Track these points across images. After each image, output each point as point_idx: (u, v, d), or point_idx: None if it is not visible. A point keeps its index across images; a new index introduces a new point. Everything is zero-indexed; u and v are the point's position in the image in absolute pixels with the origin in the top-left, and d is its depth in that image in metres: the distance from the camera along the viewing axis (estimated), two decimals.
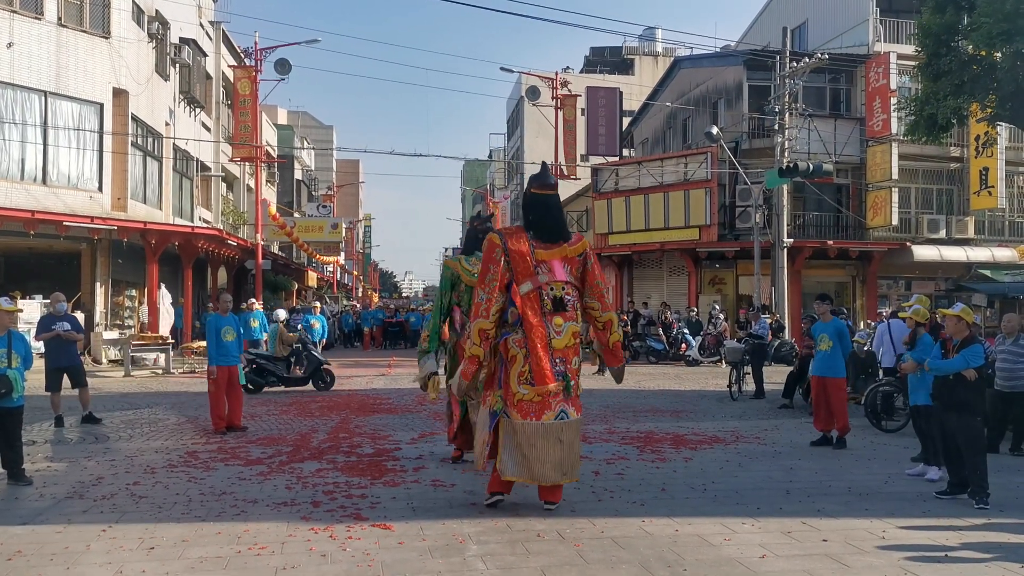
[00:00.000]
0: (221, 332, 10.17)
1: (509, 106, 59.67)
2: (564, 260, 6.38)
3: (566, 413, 6.18)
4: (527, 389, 6.14)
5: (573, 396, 6.26)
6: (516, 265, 6.24)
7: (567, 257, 6.40)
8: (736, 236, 25.68)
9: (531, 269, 6.25)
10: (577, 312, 6.41)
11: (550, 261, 6.32)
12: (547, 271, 6.29)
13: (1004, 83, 15.13)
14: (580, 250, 6.47)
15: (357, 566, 4.99)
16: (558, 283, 6.28)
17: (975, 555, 5.36)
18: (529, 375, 6.14)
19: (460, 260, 8.29)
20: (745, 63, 26.62)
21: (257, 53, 26.29)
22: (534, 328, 6.16)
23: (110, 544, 5.42)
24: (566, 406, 6.19)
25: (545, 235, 6.41)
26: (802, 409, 12.31)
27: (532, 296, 6.22)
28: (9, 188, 18.86)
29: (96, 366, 19.07)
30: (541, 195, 6.55)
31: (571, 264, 6.42)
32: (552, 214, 6.53)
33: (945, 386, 6.95)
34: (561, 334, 6.23)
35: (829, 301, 10.12)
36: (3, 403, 7.14)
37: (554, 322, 6.22)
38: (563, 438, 6.15)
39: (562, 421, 6.16)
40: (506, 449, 6.20)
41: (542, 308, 6.22)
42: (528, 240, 6.36)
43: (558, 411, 6.16)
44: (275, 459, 8.36)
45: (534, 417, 6.13)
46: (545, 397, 6.14)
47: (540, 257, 6.32)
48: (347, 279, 60.44)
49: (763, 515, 6.24)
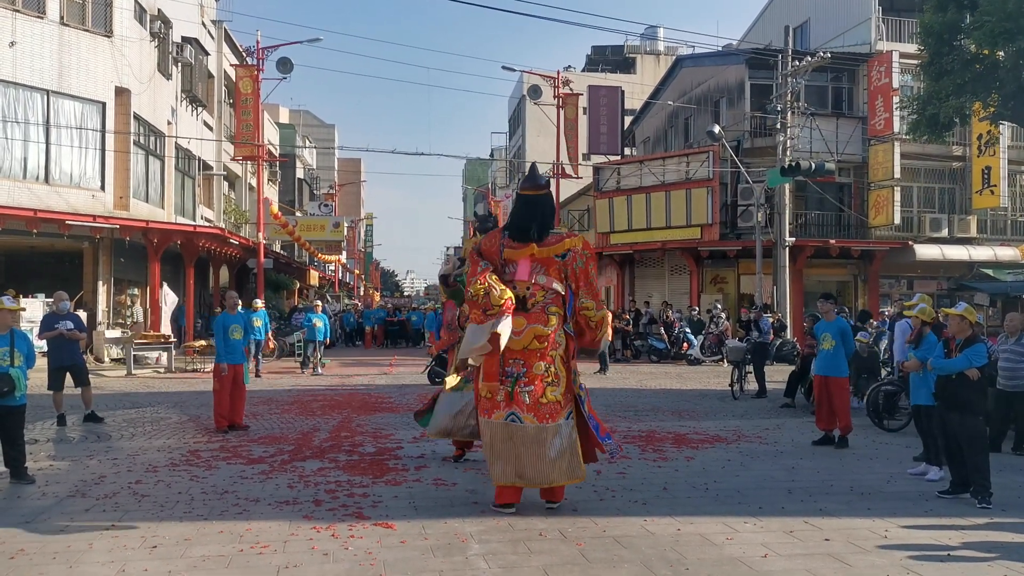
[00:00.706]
0: (229, 330, 10.19)
1: (511, 105, 59.63)
2: (534, 260, 6.27)
3: (516, 417, 6.01)
4: (481, 385, 6.21)
5: (532, 403, 6.01)
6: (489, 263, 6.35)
7: (536, 257, 6.27)
8: (738, 235, 25.66)
9: (497, 268, 6.31)
10: (549, 315, 6.20)
11: (517, 261, 6.29)
12: (512, 271, 6.27)
13: (1006, 82, 15.12)
14: (559, 251, 6.29)
15: (359, 565, 5.00)
16: (521, 283, 6.21)
17: (977, 554, 5.36)
18: (481, 371, 6.20)
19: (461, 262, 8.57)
20: (747, 62, 26.59)
21: (259, 52, 26.27)
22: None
23: (112, 543, 5.43)
24: (517, 410, 6.02)
25: (516, 235, 6.37)
26: (804, 408, 12.30)
27: None
28: (12, 187, 18.88)
29: (98, 365, 19.10)
30: (522, 195, 6.58)
31: (546, 265, 6.27)
32: (524, 214, 6.40)
33: (948, 385, 6.95)
34: (520, 335, 6.09)
35: (833, 300, 10.12)
36: (5, 402, 7.15)
37: (514, 321, 6.10)
38: (514, 440, 6.01)
39: (512, 424, 6.02)
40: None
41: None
42: (500, 240, 6.40)
43: (506, 413, 6.05)
44: (277, 458, 8.36)
45: (488, 415, 6.17)
46: (494, 395, 6.11)
47: (507, 256, 6.33)
48: (349, 278, 60.49)
49: (765, 514, 6.24)
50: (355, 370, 20.29)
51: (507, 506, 6.20)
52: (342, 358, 24.37)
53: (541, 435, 6.00)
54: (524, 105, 47.92)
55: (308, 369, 19.02)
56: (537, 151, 45.86)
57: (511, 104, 59.48)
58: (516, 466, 6.06)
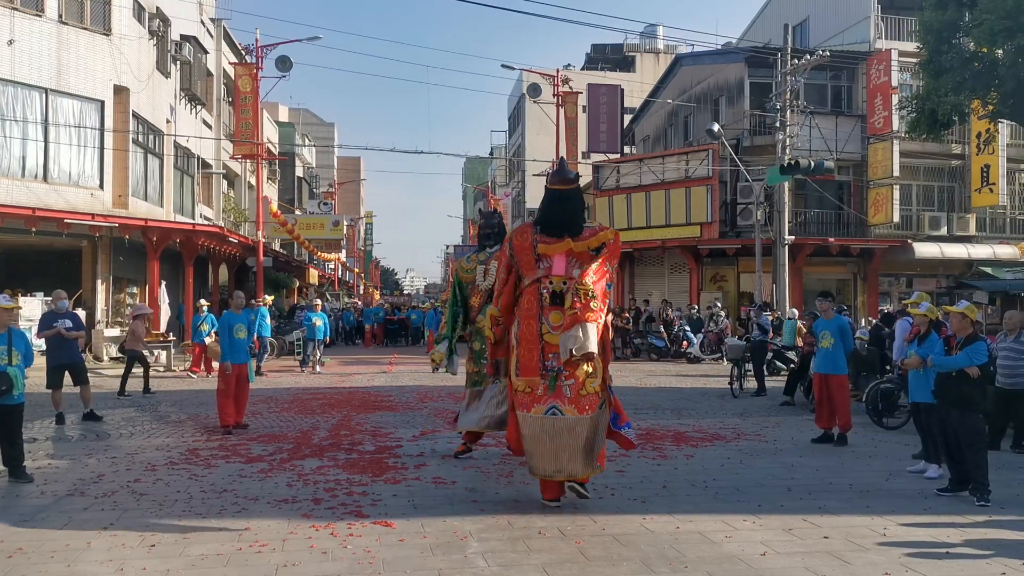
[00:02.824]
0: (233, 329, 10.18)
1: (510, 103, 59.59)
2: (569, 255, 6.25)
3: (558, 409, 6.04)
4: (518, 380, 6.21)
5: (573, 395, 6.05)
6: (520, 259, 6.34)
7: (573, 252, 6.25)
8: (737, 233, 25.66)
9: (532, 263, 6.28)
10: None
11: (551, 256, 6.25)
12: (547, 266, 6.24)
13: (1006, 80, 15.12)
14: (594, 244, 6.31)
15: (358, 563, 4.99)
16: (558, 278, 6.17)
17: (976, 552, 5.36)
18: (518, 365, 6.21)
19: (461, 260, 8.87)
20: (746, 60, 26.59)
21: (258, 50, 26.25)
22: (526, 320, 6.21)
23: (111, 541, 5.43)
24: (558, 402, 6.04)
25: (549, 229, 6.35)
26: (803, 406, 12.31)
27: (530, 290, 6.26)
28: (10, 185, 18.86)
29: (97, 363, 19.10)
30: (552, 190, 6.54)
31: (581, 259, 6.25)
32: (556, 208, 6.42)
33: (947, 383, 6.95)
34: (558, 329, 6.09)
35: (832, 299, 10.13)
36: (4, 400, 7.15)
37: (551, 316, 6.13)
38: (553, 433, 6.03)
39: (553, 417, 6.04)
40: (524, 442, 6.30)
41: (539, 302, 6.18)
42: (532, 235, 6.37)
43: (548, 406, 6.06)
44: (276, 456, 8.36)
45: (526, 409, 6.17)
46: (533, 390, 6.12)
47: (541, 252, 6.28)
48: (348, 276, 60.45)
49: (764, 512, 6.24)
50: (355, 368, 20.29)
51: (554, 500, 6.24)
52: (342, 356, 24.37)
53: (579, 426, 6.03)
54: (524, 103, 47.90)
55: (307, 367, 19.02)
56: (537, 149, 45.85)
57: (511, 102, 59.45)
58: (555, 461, 6.09)
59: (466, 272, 8.42)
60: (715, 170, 25.44)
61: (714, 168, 25.43)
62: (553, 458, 6.07)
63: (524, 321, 6.22)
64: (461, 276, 8.49)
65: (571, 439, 6.02)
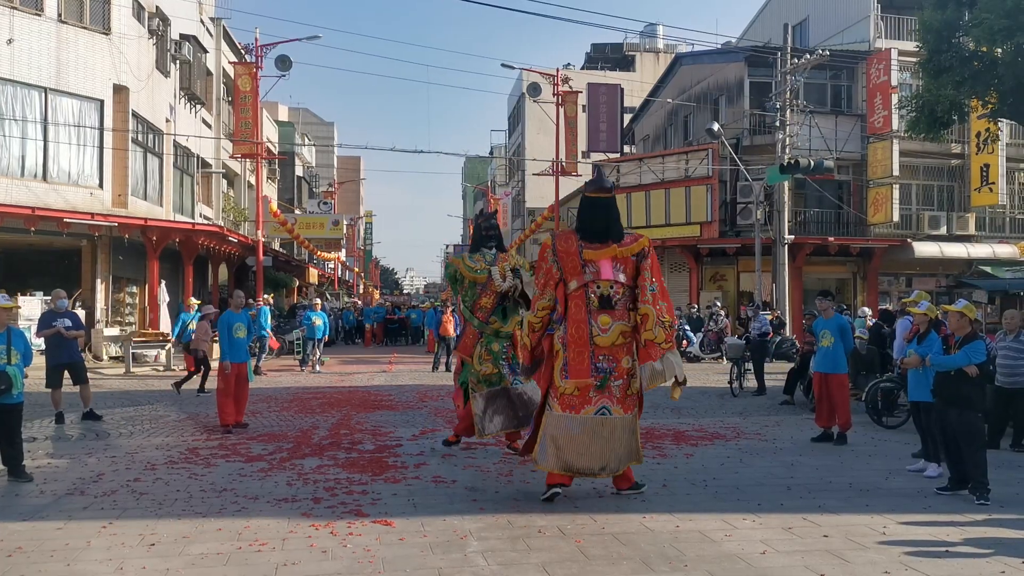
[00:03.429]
0: (233, 328, 10.17)
1: (510, 103, 59.57)
2: (614, 260, 6.51)
3: (608, 409, 6.33)
4: (565, 383, 6.37)
5: (621, 395, 6.37)
6: (564, 264, 6.53)
7: (617, 257, 6.53)
8: (737, 233, 25.67)
9: (578, 268, 6.50)
10: (629, 312, 6.52)
11: (598, 261, 6.50)
12: (594, 270, 6.47)
13: (1005, 79, 15.10)
14: (635, 250, 6.57)
15: (358, 562, 4.99)
16: (605, 282, 6.44)
17: (975, 550, 5.36)
18: (565, 368, 6.37)
19: (463, 257, 8.67)
20: (746, 60, 26.60)
21: (258, 50, 26.23)
22: (575, 324, 6.41)
23: (111, 540, 5.42)
24: (608, 402, 6.33)
25: (593, 236, 6.60)
26: (803, 405, 12.31)
27: (578, 294, 6.47)
28: (9, 184, 18.86)
29: (97, 363, 19.09)
30: (591, 198, 6.81)
31: (624, 264, 6.53)
32: (597, 216, 6.68)
33: (946, 382, 6.95)
34: (607, 332, 6.37)
35: (831, 297, 10.12)
36: (3, 400, 7.14)
37: (599, 320, 6.39)
38: (603, 433, 6.30)
39: (602, 416, 6.32)
40: (542, 440, 6.45)
41: (588, 306, 6.42)
42: (577, 241, 6.58)
43: (598, 406, 6.32)
44: (276, 455, 8.36)
45: (573, 411, 6.34)
46: (584, 391, 6.33)
47: (587, 257, 6.52)
48: (348, 276, 60.44)
49: (764, 511, 6.24)
50: (354, 368, 20.29)
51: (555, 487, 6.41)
52: (341, 356, 24.38)
53: (624, 424, 6.40)
54: (524, 103, 47.90)
55: (307, 367, 19.02)
56: (537, 149, 45.85)
57: (511, 102, 59.43)
58: (601, 459, 6.35)
59: (473, 272, 8.36)
60: (715, 169, 25.45)
61: (714, 167, 25.44)
62: (600, 456, 6.33)
63: (573, 325, 6.42)
64: (466, 274, 8.39)
65: (619, 436, 6.36)
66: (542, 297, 6.60)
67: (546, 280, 6.60)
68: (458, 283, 8.53)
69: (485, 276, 8.30)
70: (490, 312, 8.22)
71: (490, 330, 8.22)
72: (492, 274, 8.25)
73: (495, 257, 8.42)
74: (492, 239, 8.62)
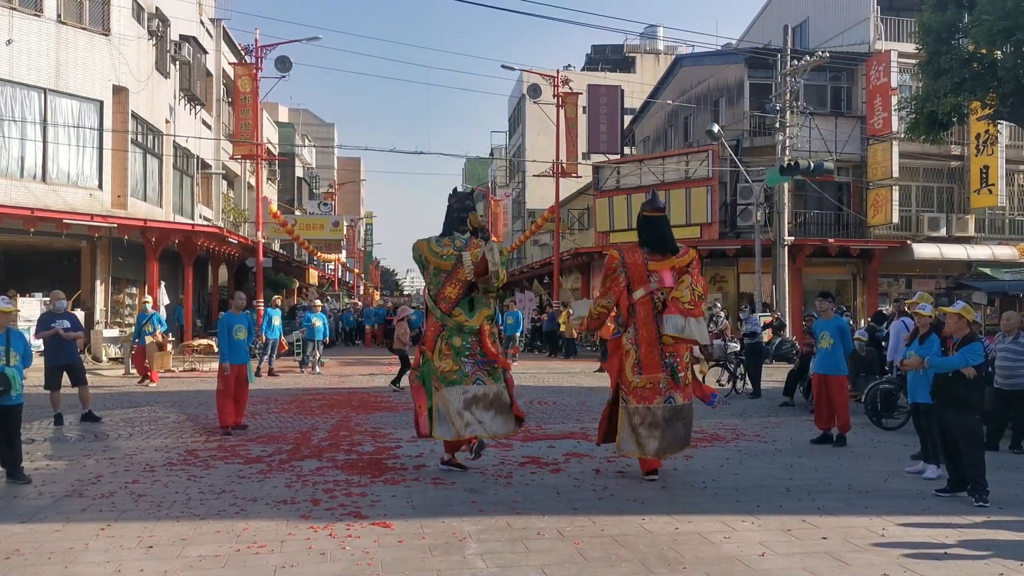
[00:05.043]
0: (233, 330, 10.16)
1: (511, 104, 59.58)
2: (673, 270, 7.51)
3: (673, 399, 7.32)
4: (638, 378, 7.29)
5: (682, 385, 7.36)
6: (632, 275, 7.49)
7: (675, 267, 7.54)
8: (737, 234, 25.66)
9: (644, 278, 7.47)
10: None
11: (661, 271, 7.50)
12: (658, 280, 7.46)
13: (1005, 81, 15.10)
14: (687, 260, 7.59)
15: (356, 564, 4.99)
16: (667, 289, 7.42)
17: (974, 552, 5.36)
18: (639, 365, 7.27)
19: (430, 241, 7.89)
20: (746, 61, 26.58)
21: (257, 50, 26.20)
22: (645, 326, 7.36)
23: (109, 542, 5.42)
24: (674, 392, 7.33)
25: (656, 249, 7.62)
26: (802, 407, 12.30)
27: (645, 300, 7.43)
28: (9, 185, 18.86)
29: (96, 364, 19.09)
30: (651, 216, 7.81)
31: (680, 273, 7.52)
32: (657, 232, 7.70)
33: (944, 383, 6.95)
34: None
35: (831, 299, 10.12)
36: (2, 401, 7.13)
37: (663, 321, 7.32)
38: (670, 419, 7.28)
39: (670, 405, 7.30)
40: (624, 430, 7.35)
41: (655, 310, 7.37)
42: (642, 254, 7.56)
43: (666, 396, 7.30)
44: (275, 457, 8.36)
45: (647, 402, 7.27)
46: (655, 384, 7.29)
47: (652, 268, 7.52)
48: (348, 277, 60.43)
49: (763, 513, 6.24)
50: (354, 369, 20.29)
51: (654, 472, 7.37)
52: (341, 357, 24.37)
53: (686, 410, 7.47)
54: (524, 104, 47.88)
55: (307, 368, 19.01)
56: (537, 150, 45.85)
57: (511, 103, 59.44)
58: (673, 440, 7.35)
59: (438, 257, 7.66)
60: (715, 171, 25.45)
61: (714, 169, 25.44)
62: (672, 439, 7.33)
63: (644, 327, 7.37)
64: (430, 259, 7.70)
65: (683, 421, 7.41)
66: (604, 298, 7.60)
67: (611, 285, 7.55)
68: (424, 269, 7.82)
69: (451, 263, 7.59)
70: (454, 303, 7.56)
71: (452, 323, 7.53)
72: (463, 260, 7.55)
73: (467, 242, 7.72)
74: (463, 222, 7.86)
